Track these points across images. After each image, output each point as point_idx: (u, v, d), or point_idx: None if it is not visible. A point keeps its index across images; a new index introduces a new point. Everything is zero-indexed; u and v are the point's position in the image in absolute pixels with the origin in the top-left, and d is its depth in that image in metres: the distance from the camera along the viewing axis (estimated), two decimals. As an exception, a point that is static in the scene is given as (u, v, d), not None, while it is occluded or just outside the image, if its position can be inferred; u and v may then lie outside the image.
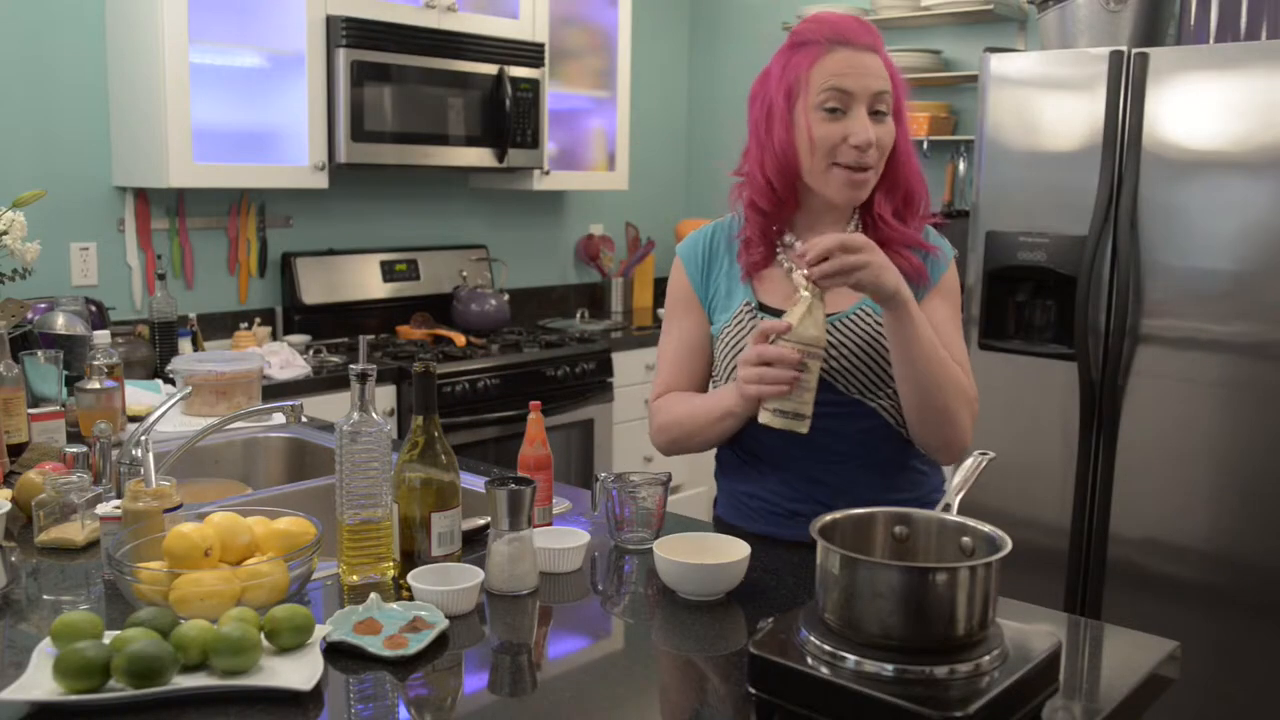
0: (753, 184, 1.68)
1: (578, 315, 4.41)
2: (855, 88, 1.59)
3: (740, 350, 1.67)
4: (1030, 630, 1.16)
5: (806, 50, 1.62)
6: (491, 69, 3.66)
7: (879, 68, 1.62)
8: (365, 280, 3.79)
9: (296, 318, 3.62)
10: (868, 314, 1.66)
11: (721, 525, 1.81)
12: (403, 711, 1.16)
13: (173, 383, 2.64)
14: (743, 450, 1.76)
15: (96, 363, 2.21)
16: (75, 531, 1.63)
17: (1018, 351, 3.07)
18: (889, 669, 1.05)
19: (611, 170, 4.28)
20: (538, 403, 1.74)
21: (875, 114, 1.61)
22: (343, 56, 3.28)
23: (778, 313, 1.67)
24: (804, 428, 1.52)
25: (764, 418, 1.53)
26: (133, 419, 2.33)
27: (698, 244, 1.79)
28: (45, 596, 1.47)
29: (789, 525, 1.70)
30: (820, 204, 1.67)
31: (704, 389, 1.80)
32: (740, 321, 1.70)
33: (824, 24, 1.62)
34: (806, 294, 1.50)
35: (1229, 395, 2.74)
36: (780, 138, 1.63)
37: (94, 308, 2.95)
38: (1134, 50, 2.82)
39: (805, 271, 1.49)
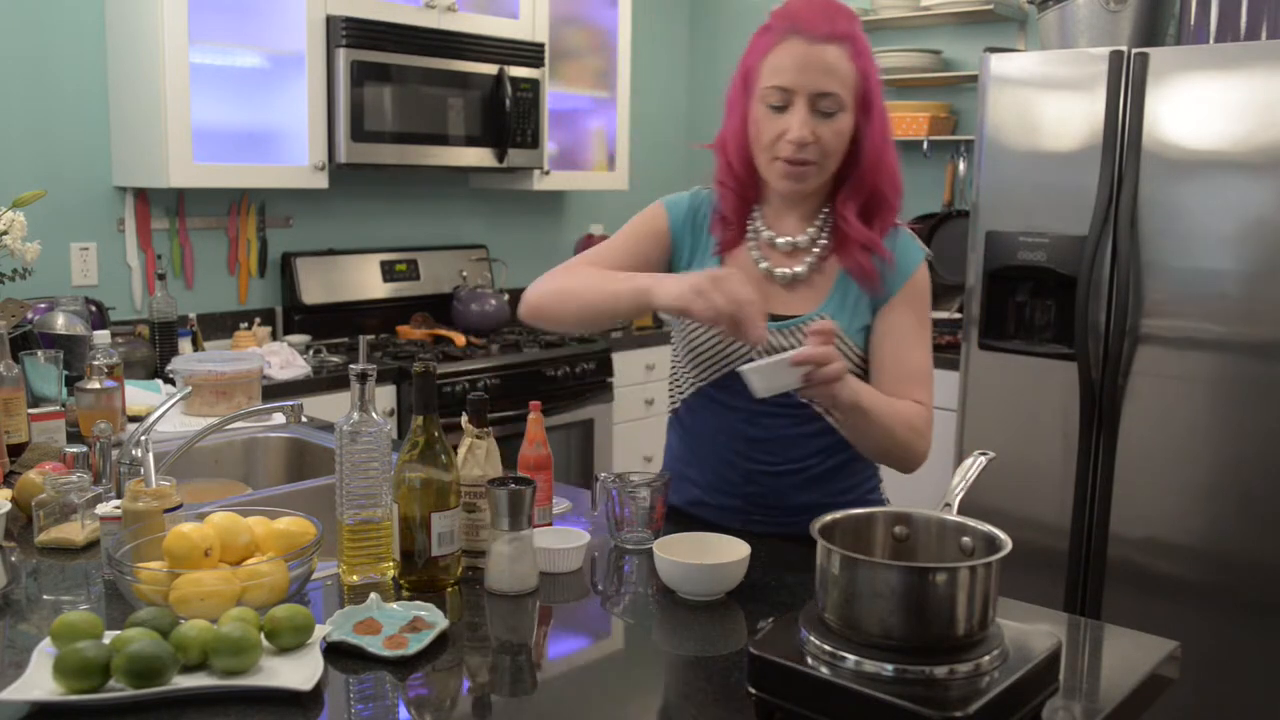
0: (721, 159, 1.69)
1: (578, 315, 4.40)
2: (796, 85, 1.55)
3: (699, 325, 1.67)
4: (1030, 630, 1.16)
5: (766, 37, 1.60)
6: (491, 69, 3.66)
7: (832, 63, 1.55)
8: (365, 280, 3.79)
9: (296, 318, 3.62)
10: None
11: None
12: (403, 711, 1.16)
13: (173, 383, 2.64)
14: (689, 435, 1.78)
15: (96, 363, 2.21)
16: (75, 531, 1.63)
17: (1018, 351, 3.07)
18: (889, 669, 1.05)
19: (611, 170, 4.28)
20: (538, 403, 1.74)
21: (820, 112, 1.56)
22: (343, 56, 3.28)
23: None
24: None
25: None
26: (133, 419, 2.33)
27: (684, 203, 1.75)
28: (45, 596, 1.47)
29: (717, 514, 1.74)
30: (779, 192, 1.67)
31: None
32: None
33: (787, 10, 1.58)
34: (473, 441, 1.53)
35: (1229, 395, 2.74)
36: (735, 124, 1.64)
37: (94, 308, 2.95)
38: (1134, 50, 2.82)
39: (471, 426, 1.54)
